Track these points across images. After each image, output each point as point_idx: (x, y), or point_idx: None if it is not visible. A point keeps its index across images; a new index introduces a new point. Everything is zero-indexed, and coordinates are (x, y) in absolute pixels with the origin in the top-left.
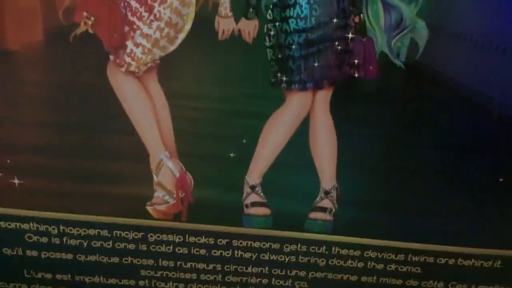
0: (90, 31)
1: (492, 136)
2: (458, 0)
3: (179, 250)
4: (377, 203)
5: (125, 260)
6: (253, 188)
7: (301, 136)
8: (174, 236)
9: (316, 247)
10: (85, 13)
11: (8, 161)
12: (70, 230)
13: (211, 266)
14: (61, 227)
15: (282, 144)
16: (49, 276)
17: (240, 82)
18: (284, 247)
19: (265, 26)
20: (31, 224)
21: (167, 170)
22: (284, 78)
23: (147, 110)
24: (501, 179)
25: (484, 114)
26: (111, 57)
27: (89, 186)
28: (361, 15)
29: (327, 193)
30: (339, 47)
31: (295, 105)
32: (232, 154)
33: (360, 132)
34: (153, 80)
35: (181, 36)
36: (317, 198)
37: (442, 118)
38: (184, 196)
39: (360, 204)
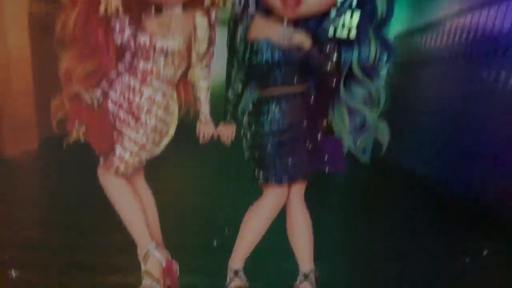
0: (82, 139)
1: (456, 219)
2: (414, 98)
3: None
4: (354, 284)
5: None
6: (236, 272)
7: (279, 225)
8: None
9: None
10: (76, 122)
11: (7, 256)
12: None
13: None
14: None
15: (261, 232)
16: None
17: (221, 178)
18: None
19: (242, 130)
20: None
21: (154, 260)
22: (261, 174)
23: (135, 207)
24: (467, 260)
25: (445, 201)
26: (101, 161)
27: (81, 277)
28: (329, 118)
29: (306, 276)
30: (310, 146)
31: (272, 197)
32: (215, 243)
33: (334, 219)
34: (140, 178)
35: (165, 140)
36: (297, 282)
37: (407, 205)
38: (171, 283)
39: (338, 285)
